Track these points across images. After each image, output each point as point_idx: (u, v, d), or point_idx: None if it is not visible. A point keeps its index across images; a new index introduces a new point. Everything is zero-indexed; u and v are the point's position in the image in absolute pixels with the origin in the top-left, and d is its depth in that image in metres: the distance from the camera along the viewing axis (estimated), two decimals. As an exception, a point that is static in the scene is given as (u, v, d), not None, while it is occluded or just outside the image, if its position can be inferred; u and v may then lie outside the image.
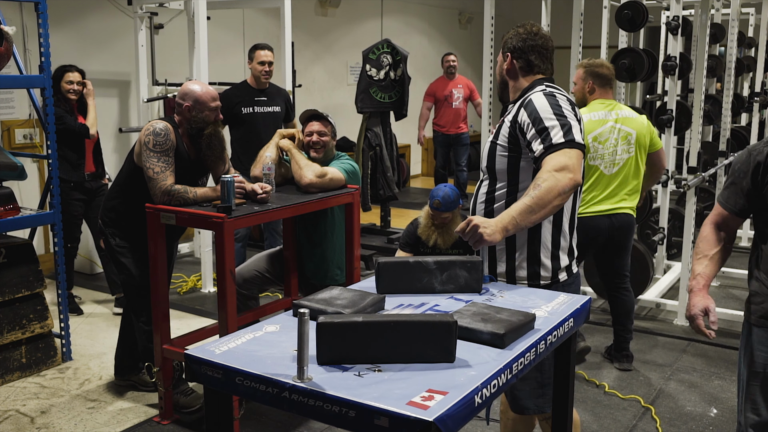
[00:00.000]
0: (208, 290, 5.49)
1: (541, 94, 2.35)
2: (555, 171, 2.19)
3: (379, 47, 6.33)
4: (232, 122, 5.14)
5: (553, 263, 2.42)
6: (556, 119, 2.27)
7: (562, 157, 2.21)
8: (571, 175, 2.20)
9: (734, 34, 5.95)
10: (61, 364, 4.10)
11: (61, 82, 4.66)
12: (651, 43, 8.65)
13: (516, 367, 1.73)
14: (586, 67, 3.94)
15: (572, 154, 2.23)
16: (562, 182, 2.18)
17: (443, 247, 3.95)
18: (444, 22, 11.72)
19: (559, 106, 2.31)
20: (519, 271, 2.43)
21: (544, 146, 2.25)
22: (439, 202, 3.83)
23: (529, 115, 2.31)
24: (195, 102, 3.32)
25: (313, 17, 9.12)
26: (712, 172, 5.55)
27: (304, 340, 1.56)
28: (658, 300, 5.00)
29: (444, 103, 8.40)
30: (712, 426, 3.49)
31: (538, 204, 2.18)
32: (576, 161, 2.23)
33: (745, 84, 7.93)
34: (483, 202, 2.47)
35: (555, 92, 2.37)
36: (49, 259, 4.87)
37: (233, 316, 3.10)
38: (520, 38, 2.48)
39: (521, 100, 2.40)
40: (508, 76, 2.52)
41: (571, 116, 2.30)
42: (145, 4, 5.88)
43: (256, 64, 5.09)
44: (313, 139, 3.62)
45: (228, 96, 5.11)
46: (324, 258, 3.72)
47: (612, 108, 3.90)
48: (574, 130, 2.26)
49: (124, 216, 3.47)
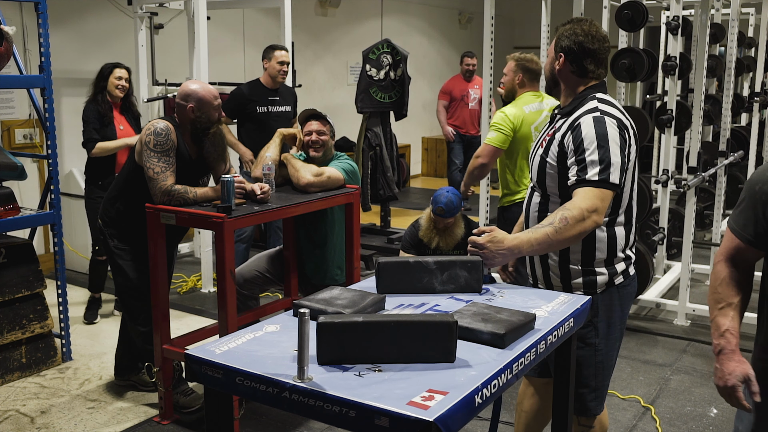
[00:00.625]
0: (208, 290, 5.49)
1: (591, 118, 2.29)
2: (587, 211, 2.20)
3: (379, 47, 6.33)
4: (243, 120, 5.17)
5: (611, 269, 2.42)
6: (598, 153, 2.24)
7: (594, 199, 2.21)
8: (598, 218, 2.22)
9: (734, 34, 5.95)
10: (61, 364, 4.10)
11: (110, 77, 4.53)
12: (651, 43, 8.65)
13: (516, 367, 1.73)
14: (517, 61, 4.01)
15: (605, 195, 2.23)
16: (587, 224, 2.21)
17: (445, 249, 3.95)
18: (444, 22, 11.72)
19: (605, 137, 2.25)
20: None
21: (578, 178, 2.26)
22: (442, 209, 3.83)
23: (574, 140, 2.29)
24: (199, 102, 3.32)
25: (313, 17, 9.12)
26: (712, 172, 5.55)
27: (304, 340, 1.56)
28: (658, 300, 5.00)
29: (460, 102, 8.18)
30: (712, 426, 3.49)
31: (557, 240, 2.21)
32: (605, 203, 2.24)
33: (745, 84, 7.93)
34: (537, 214, 2.45)
35: (605, 116, 2.30)
36: (49, 259, 4.86)
37: (233, 316, 3.10)
38: (576, 40, 2.37)
39: (571, 119, 2.34)
40: (560, 77, 2.45)
41: (614, 148, 2.25)
42: (145, 4, 5.88)
43: (275, 64, 5.13)
44: (312, 139, 3.62)
45: (242, 94, 5.16)
46: (324, 258, 3.72)
47: (542, 99, 4.02)
48: (612, 167, 2.23)
49: (123, 215, 3.47)
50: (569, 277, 2.40)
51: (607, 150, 2.24)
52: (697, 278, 5.81)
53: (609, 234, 2.37)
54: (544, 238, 2.20)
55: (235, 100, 5.19)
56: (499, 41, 5.74)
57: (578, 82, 2.41)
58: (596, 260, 2.38)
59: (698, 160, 5.01)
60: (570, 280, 2.40)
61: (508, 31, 12.63)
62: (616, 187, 2.25)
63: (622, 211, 2.40)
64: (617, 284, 2.42)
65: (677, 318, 4.87)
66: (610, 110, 2.33)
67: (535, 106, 3.97)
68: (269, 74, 5.18)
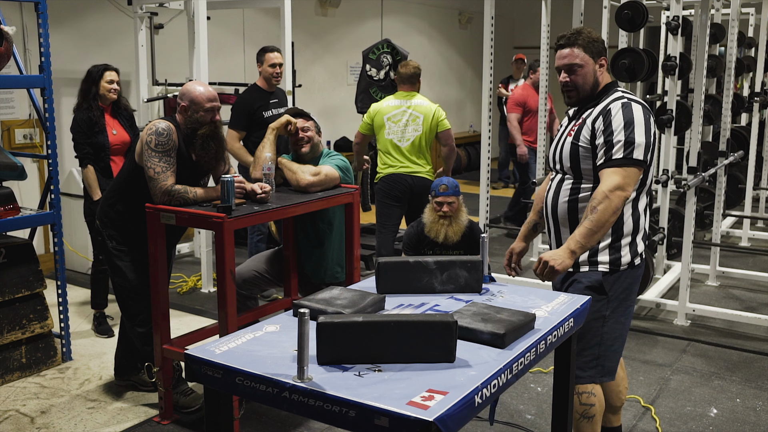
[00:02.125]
0: (208, 290, 5.49)
1: (619, 104, 2.54)
2: (609, 191, 2.43)
3: (379, 47, 6.34)
4: (253, 126, 5.02)
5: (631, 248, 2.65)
6: (624, 133, 2.48)
7: (617, 177, 2.45)
8: (623, 193, 2.45)
9: (734, 34, 5.95)
10: (61, 364, 4.10)
11: (101, 81, 4.31)
12: (651, 43, 8.66)
13: (516, 367, 1.73)
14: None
15: (628, 172, 2.46)
16: (615, 202, 2.44)
17: (455, 239, 4.00)
18: (444, 22, 11.73)
19: (632, 119, 2.50)
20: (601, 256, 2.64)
21: (605, 159, 2.50)
22: (446, 186, 3.99)
23: (605, 122, 2.53)
24: (191, 102, 3.31)
25: (313, 17, 9.12)
26: (712, 172, 5.55)
27: (304, 340, 1.56)
28: (658, 300, 4.99)
29: (535, 114, 6.81)
30: (712, 426, 3.49)
31: (598, 225, 2.43)
32: (631, 178, 2.47)
33: (745, 84, 7.93)
34: (567, 201, 2.64)
35: (632, 102, 2.55)
36: (49, 259, 4.86)
37: (233, 316, 3.10)
38: (601, 44, 2.64)
39: (602, 106, 2.58)
40: (600, 78, 2.65)
41: (639, 129, 2.49)
42: (145, 4, 5.88)
43: (267, 67, 5.07)
44: (298, 135, 3.64)
45: (248, 101, 5.06)
46: (323, 257, 3.73)
47: (410, 98, 5.00)
48: (636, 146, 2.47)
49: (123, 216, 3.46)
50: (596, 252, 2.61)
51: (632, 131, 2.48)
52: (697, 278, 5.81)
53: (634, 216, 2.61)
54: (586, 232, 2.43)
55: (243, 111, 5.03)
56: (499, 41, 5.74)
57: (606, 78, 2.67)
58: (623, 238, 2.60)
59: (698, 160, 5.01)
60: (596, 256, 2.61)
61: (508, 31, 12.63)
62: (641, 163, 2.48)
63: (644, 193, 2.63)
64: (636, 264, 2.65)
65: (677, 318, 4.87)
66: (634, 98, 2.60)
67: (398, 102, 5.01)
68: (264, 77, 5.13)
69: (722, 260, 6.01)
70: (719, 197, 6.03)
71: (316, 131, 3.71)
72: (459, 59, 12.21)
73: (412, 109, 4.97)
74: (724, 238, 6.89)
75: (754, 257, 6.49)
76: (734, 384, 3.94)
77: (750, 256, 6.51)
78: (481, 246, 2.37)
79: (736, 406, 3.69)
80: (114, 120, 4.43)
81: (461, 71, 12.29)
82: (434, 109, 4.98)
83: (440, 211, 4.00)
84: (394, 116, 4.97)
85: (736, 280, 5.77)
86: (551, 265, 2.38)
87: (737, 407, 3.67)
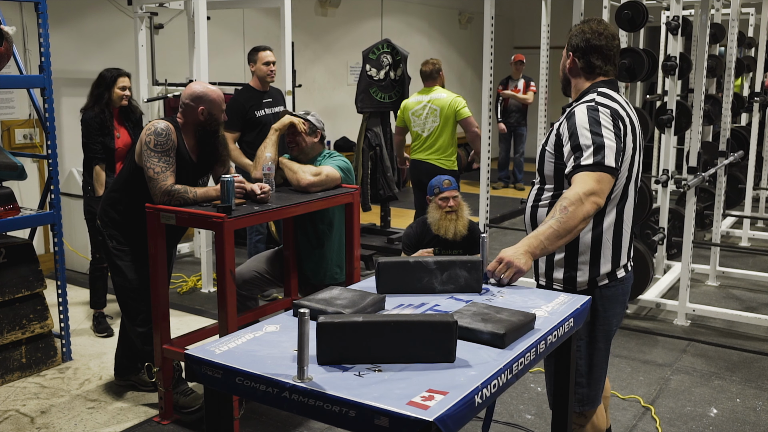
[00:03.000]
0: (208, 290, 5.49)
1: (585, 107, 2.35)
2: (584, 195, 2.22)
3: (379, 47, 6.34)
4: (246, 126, 5.05)
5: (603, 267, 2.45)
6: (591, 138, 2.27)
7: (590, 182, 2.24)
8: (596, 200, 2.24)
9: (734, 34, 5.95)
10: (61, 364, 4.10)
11: (114, 87, 4.32)
12: (651, 43, 8.65)
13: (516, 367, 1.73)
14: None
15: (601, 177, 2.25)
16: (587, 207, 2.22)
17: (464, 232, 4.02)
18: (444, 22, 11.72)
19: (598, 123, 2.29)
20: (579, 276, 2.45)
21: (573, 165, 2.29)
22: (449, 181, 4.05)
23: (569, 128, 2.34)
24: (210, 104, 3.33)
25: (313, 17, 9.12)
26: (712, 172, 5.55)
27: (304, 340, 1.56)
28: (658, 300, 4.99)
29: None
30: (712, 426, 3.49)
31: (564, 229, 2.23)
32: (604, 185, 2.26)
33: (745, 84, 7.92)
34: (531, 206, 2.51)
35: (600, 106, 2.34)
36: (49, 259, 4.86)
37: (233, 316, 3.10)
38: (583, 37, 2.44)
39: (568, 111, 2.40)
40: (570, 74, 2.52)
41: (608, 134, 2.28)
42: (145, 4, 5.88)
43: (262, 66, 5.07)
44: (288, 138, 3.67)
45: (240, 101, 5.06)
46: (323, 257, 3.73)
47: (430, 92, 5.60)
48: (606, 151, 2.26)
49: (123, 215, 3.46)
50: (552, 267, 2.46)
51: (600, 135, 2.28)
52: (697, 278, 5.81)
53: (594, 233, 2.39)
54: (551, 233, 2.23)
55: (236, 111, 5.03)
56: (499, 41, 5.74)
57: (586, 79, 2.47)
58: (579, 260, 2.41)
59: (698, 160, 5.01)
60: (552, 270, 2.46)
61: (508, 31, 12.63)
62: (612, 170, 2.27)
63: (614, 209, 2.40)
64: (600, 285, 2.44)
65: (677, 318, 4.87)
66: (605, 102, 2.36)
67: (419, 98, 5.62)
68: (258, 77, 5.12)
69: (722, 260, 6.01)
70: (719, 197, 6.03)
71: (309, 132, 3.68)
72: (459, 59, 12.21)
73: (432, 103, 5.52)
74: (724, 238, 6.90)
75: (754, 257, 6.50)
76: (734, 384, 3.94)
77: (750, 256, 6.52)
78: (481, 246, 2.37)
79: (736, 406, 3.69)
80: (120, 126, 4.48)
81: (461, 71, 12.29)
82: (450, 101, 5.47)
83: (447, 206, 4.00)
84: (416, 111, 5.59)
85: (736, 280, 5.77)
86: (518, 267, 2.21)
87: (737, 407, 3.67)
